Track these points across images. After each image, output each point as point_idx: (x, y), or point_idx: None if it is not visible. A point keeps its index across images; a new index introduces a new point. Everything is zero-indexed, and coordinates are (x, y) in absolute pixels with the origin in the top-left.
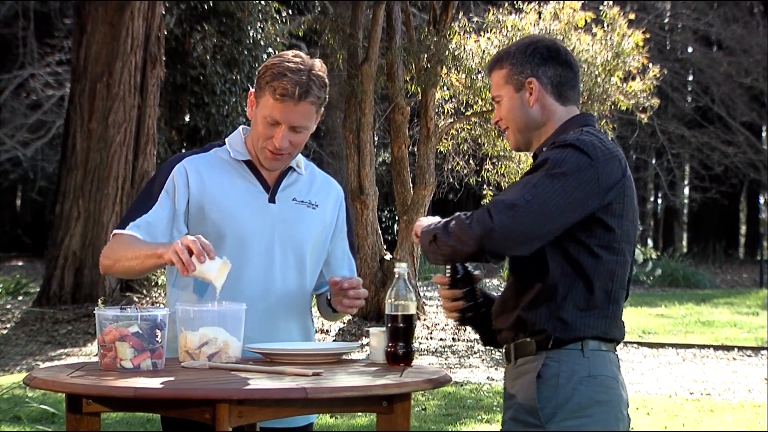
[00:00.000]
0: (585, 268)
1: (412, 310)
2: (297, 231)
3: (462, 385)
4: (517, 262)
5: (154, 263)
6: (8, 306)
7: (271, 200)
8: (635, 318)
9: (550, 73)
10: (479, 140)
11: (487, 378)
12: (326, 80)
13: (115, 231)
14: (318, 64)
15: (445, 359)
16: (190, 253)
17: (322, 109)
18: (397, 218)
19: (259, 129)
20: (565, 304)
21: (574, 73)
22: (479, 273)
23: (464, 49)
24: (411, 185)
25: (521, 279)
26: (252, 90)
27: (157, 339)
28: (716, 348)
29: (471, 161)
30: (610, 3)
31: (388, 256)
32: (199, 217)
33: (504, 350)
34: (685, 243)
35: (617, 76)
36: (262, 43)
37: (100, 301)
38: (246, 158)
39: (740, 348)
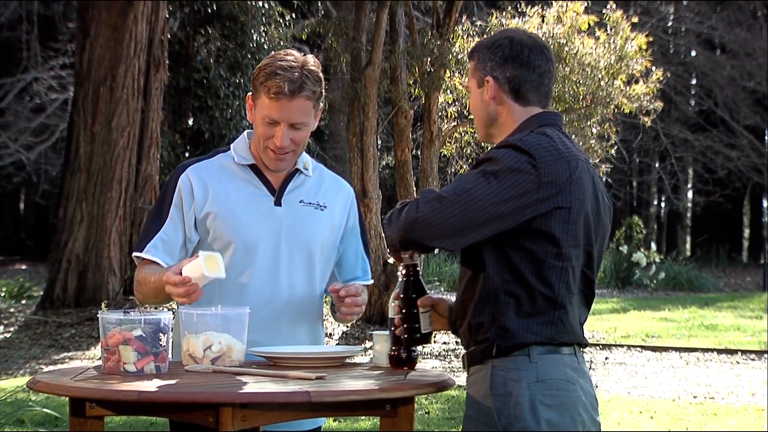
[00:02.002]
0: (526, 274)
1: None
2: (305, 233)
3: (465, 389)
4: (463, 268)
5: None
6: (12, 310)
7: (277, 203)
8: (638, 321)
9: (508, 74)
10: (482, 143)
11: None
12: (320, 75)
13: (135, 253)
14: (311, 60)
15: (449, 363)
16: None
17: (321, 104)
18: None
19: (260, 130)
20: (507, 311)
21: (537, 75)
22: (417, 262)
23: (467, 52)
24: (414, 189)
25: (467, 286)
26: (249, 94)
27: (160, 342)
28: (720, 351)
29: None
30: (614, 6)
31: (391, 260)
32: (206, 225)
33: (461, 357)
34: (688, 246)
35: (620, 79)
36: (265, 46)
37: (103, 305)
38: (250, 162)
39: (743, 351)
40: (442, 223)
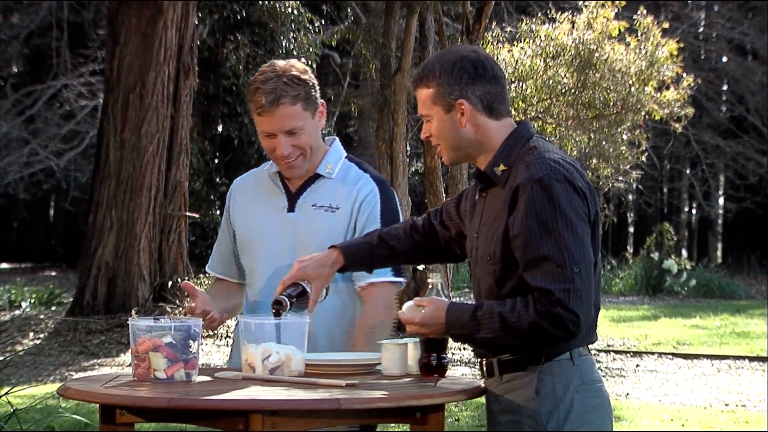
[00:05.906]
0: None
1: None
2: (315, 237)
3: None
4: (504, 281)
5: None
6: (41, 316)
7: (290, 209)
8: (670, 329)
9: (479, 92)
10: None
11: None
12: (303, 77)
13: (206, 269)
14: (295, 65)
15: (479, 370)
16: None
17: (315, 103)
18: None
19: (264, 144)
20: None
21: (502, 86)
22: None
23: (497, 59)
24: (444, 195)
25: (509, 296)
26: None
27: (190, 349)
28: (751, 359)
29: None
30: (644, 12)
31: (420, 266)
32: (235, 234)
33: (481, 364)
34: (719, 253)
35: (651, 85)
36: (294, 53)
37: (133, 312)
38: (278, 169)
39: None
40: (591, 299)
